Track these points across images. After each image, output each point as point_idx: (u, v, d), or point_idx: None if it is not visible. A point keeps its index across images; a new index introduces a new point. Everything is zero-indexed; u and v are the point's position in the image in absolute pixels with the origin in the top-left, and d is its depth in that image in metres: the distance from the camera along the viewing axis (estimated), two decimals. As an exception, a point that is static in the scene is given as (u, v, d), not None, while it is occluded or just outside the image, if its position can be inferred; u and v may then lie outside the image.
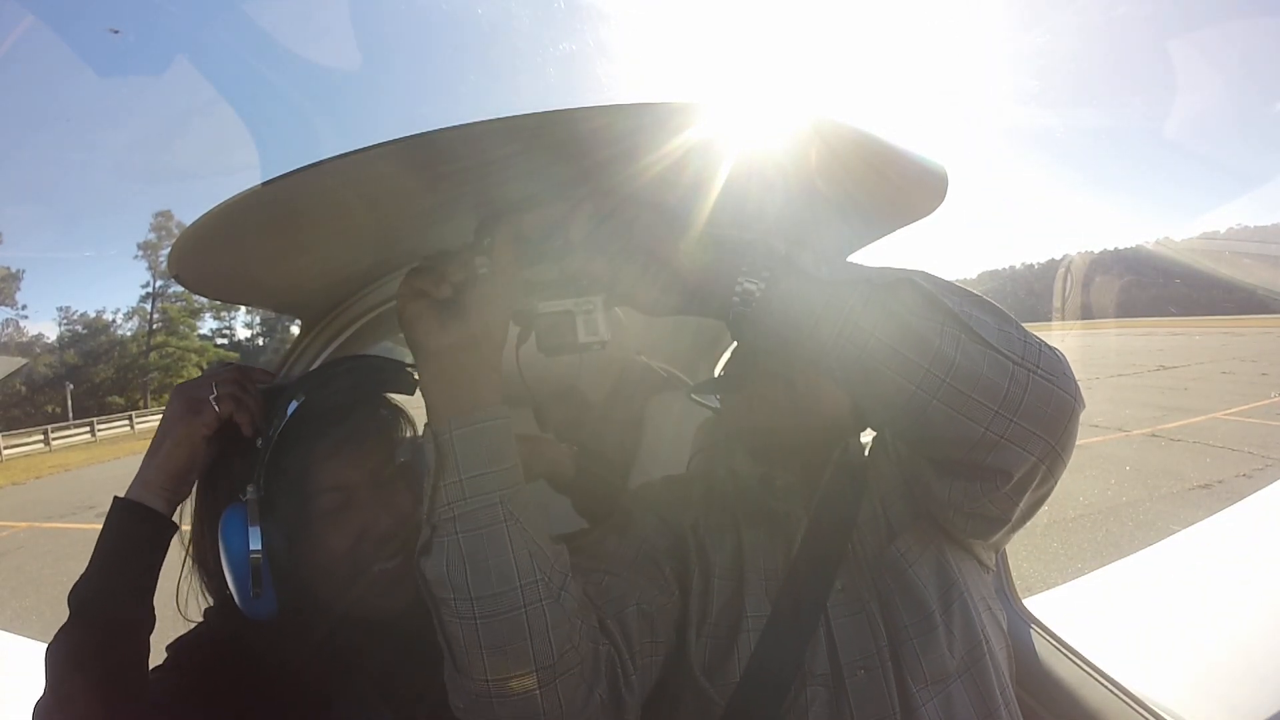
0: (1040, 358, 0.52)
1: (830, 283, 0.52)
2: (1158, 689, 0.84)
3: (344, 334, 1.04)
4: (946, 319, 0.51)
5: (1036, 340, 0.54)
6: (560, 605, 0.55)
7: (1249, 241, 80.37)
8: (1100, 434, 8.03)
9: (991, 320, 0.53)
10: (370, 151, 0.59)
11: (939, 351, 0.50)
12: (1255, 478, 5.72)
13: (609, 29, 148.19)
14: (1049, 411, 0.52)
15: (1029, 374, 0.51)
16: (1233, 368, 14.55)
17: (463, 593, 0.52)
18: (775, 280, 0.54)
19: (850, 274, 0.53)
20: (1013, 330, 0.53)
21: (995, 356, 0.51)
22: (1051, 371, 0.52)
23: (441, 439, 0.54)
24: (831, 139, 0.70)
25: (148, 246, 40.89)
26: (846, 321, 0.51)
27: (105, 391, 37.78)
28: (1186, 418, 8.71)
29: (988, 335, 0.51)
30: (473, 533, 0.53)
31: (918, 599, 0.66)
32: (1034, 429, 0.52)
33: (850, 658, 0.65)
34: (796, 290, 0.53)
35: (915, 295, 0.52)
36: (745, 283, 0.55)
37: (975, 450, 0.53)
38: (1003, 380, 0.51)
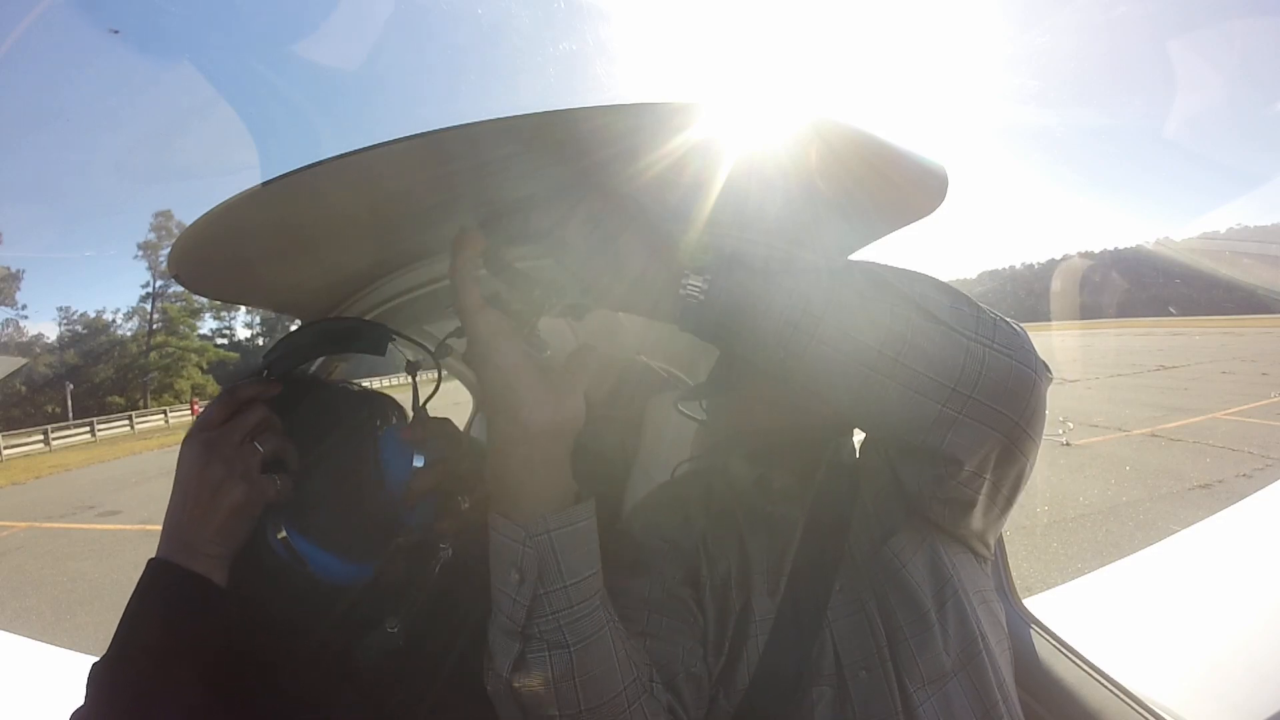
0: (996, 332, 0.51)
1: (776, 274, 0.52)
2: (1158, 689, 0.84)
3: (344, 334, 1.04)
4: (896, 299, 0.50)
5: (992, 315, 0.53)
6: (654, 697, 0.55)
7: (1249, 241, 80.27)
8: (1100, 434, 8.03)
9: (944, 299, 0.52)
10: (370, 151, 0.59)
11: (890, 331, 0.49)
12: (1255, 478, 5.72)
13: (609, 29, 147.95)
14: (1009, 386, 0.51)
15: (985, 349, 0.50)
16: (1233, 368, 14.55)
17: (571, 707, 0.49)
18: (719, 275, 0.53)
19: (795, 263, 0.53)
20: (965, 307, 0.52)
21: (949, 333, 0.50)
22: (1009, 346, 0.51)
23: (540, 541, 0.47)
24: (831, 139, 0.70)
25: (148, 246, 40.96)
26: (794, 309, 0.50)
27: (105, 391, 37.77)
28: (1186, 418, 8.71)
29: (940, 313, 0.50)
30: (583, 644, 0.49)
31: (912, 598, 0.66)
32: (995, 405, 0.51)
33: (851, 658, 0.65)
34: (742, 284, 0.52)
35: (862, 278, 0.52)
36: (691, 279, 0.54)
37: (936, 429, 0.51)
38: (959, 356, 0.50)
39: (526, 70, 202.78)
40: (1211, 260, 53.20)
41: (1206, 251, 72.49)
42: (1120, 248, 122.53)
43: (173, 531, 0.56)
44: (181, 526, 0.56)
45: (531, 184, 0.78)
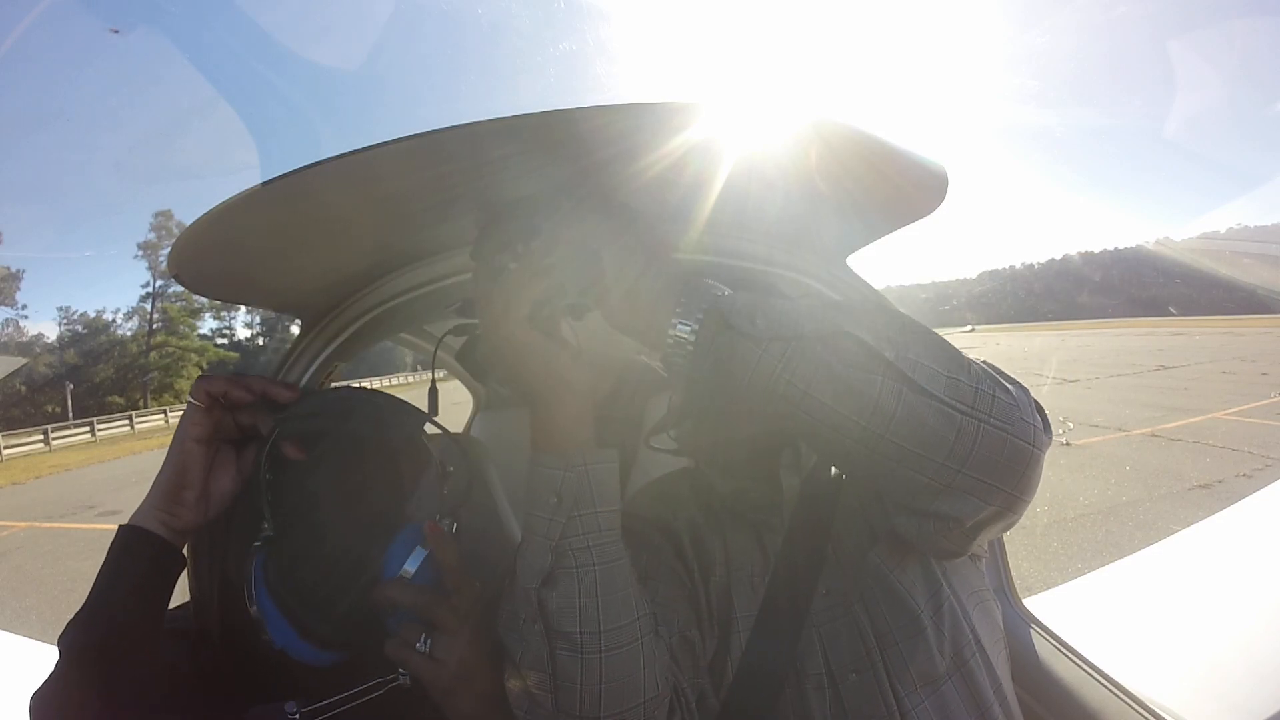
0: (994, 405, 0.50)
1: (762, 339, 0.51)
2: (1158, 689, 0.84)
3: (344, 334, 1.04)
4: (886, 372, 0.49)
5: (990, 385, 0.51)
6: (658, 637, 0.58)
7: (1249, 241, 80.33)
8: (1100, 434, 8.03)
9: (940, 368, 0.50)
10: (370, 151, 0.59)
11: (877, 406, 0.49)
12: (1255, 478, 5.71)
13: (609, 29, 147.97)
14: (1003, 461, 0.50)
15: (979, 424, 0.49)
16: (1233, 368, 14.55)
17: (591, 625, 0.53)
18: (707, 330, 0.53)
19: (785, 327, 0.51)
20: (963, 378, 0.51)
21: (940, 408, 0.49)
22: (1006, 419, 0.50)
23: (577, 471, 0.55)
24: (831, 139, 0.70)
25: (148, 246, 40.97)
26: (779, 378, 0.50)
27: (105, 391, 37.77)
28: (1186, 418, 8.71)
29: (933, 386, 0.49)
30: (607, 565, 0.55)
31: (901, 602, 0.66)
32: (987, 478, 0.51)
33: (840, 660, 0.66)
34: (728, 344, 0.52)
35: (853, 347, 0.50)
36: (679, 326, 0.54)
37: (922, 496, 0.52)
38: (949, 432, 0.49)
39: (526, 70, 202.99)
40: (1211, 260, 53.24)
41: (1206, 251, 72.55)
42: (1120, 248, 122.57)
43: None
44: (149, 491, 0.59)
45: (531, 184, 0.78)
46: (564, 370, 0.57)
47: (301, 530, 0.62)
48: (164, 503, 0.58)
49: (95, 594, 0.55)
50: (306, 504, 0.62)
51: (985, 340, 35.11)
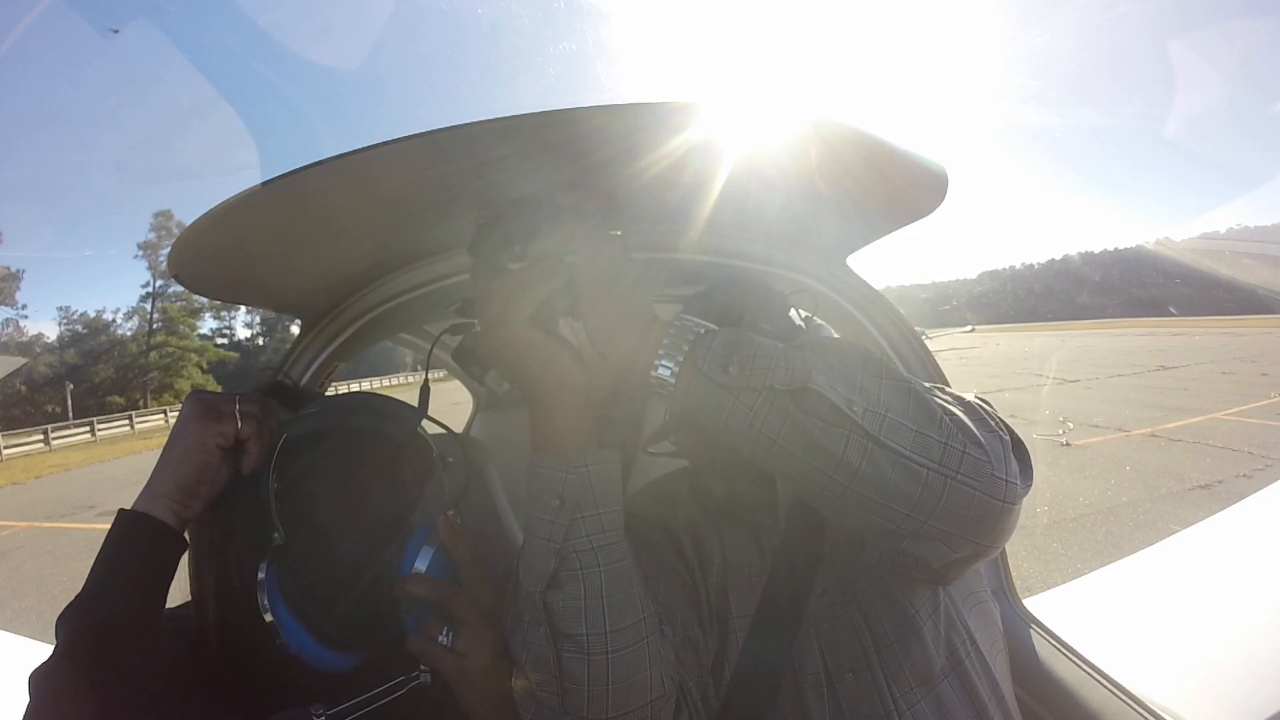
0: (962, 462, 0.51)
1: (733, 389, 0.52)
2: (1158, 689, 0.84)
3: (344, 334, 1.04)
4: (854, 428, 0.50)
5: (962, 441, 0.51)
6: (663, 636, 0.58)
7: (1249, 241, 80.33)
8: (1100, 434, 8.03)
9: (909, 423, 0.51)
10: (370, 151, 0.59)
11: (842, 461, 0.50)
12: (1255, 478, 5.71)
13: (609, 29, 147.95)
14: (970, 515, 0.51)
15: (945, 480, 0.50)
16: (1233, 368, 14.55)
17: (598, 627, 0.53)
18: (684, 374, 0.54)
19: (756, 377, 0.52)
20: (933, 433, 0.51)
21: (906, 464, 0.50)
22: (974, 475, 0.51)
23: (579, 472, 0.55)
24: (831, 139, 0.70)
25: (148, 246, 40.96)
26: (749, 426, 0.51)
27: (105, 391, 37.78)
28: (1186, 418, 8.70)
29: (899, 444, 0.50)
30: (611, 566, 0.55)
31: (897, 604, 0.66)
32: (954, 530, 0.52)
33: (838, 661, 0.66)
34: (702, 391, 0.53)
35: (820, 404, 0.50)
36: (661, 367, 0.55)
37: (892, 539, 0.54)
38: (913, 488, 0.50)
39: (526, 70, 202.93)
40: (1211, 260, 53.25)
41: (1206, 251, 72.54)
42: (1120, 248, 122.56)
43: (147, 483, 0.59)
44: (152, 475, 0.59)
45: (531, 184, 0.78)
46: (564, 370, 0.57)
47: (313, 534, 0.61)
48: (180, 494, 0.58)
49: (96, 577, 0.54)
50: (316, 506, 0.62)
51: (985, 340, 35.10)
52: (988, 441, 0.53)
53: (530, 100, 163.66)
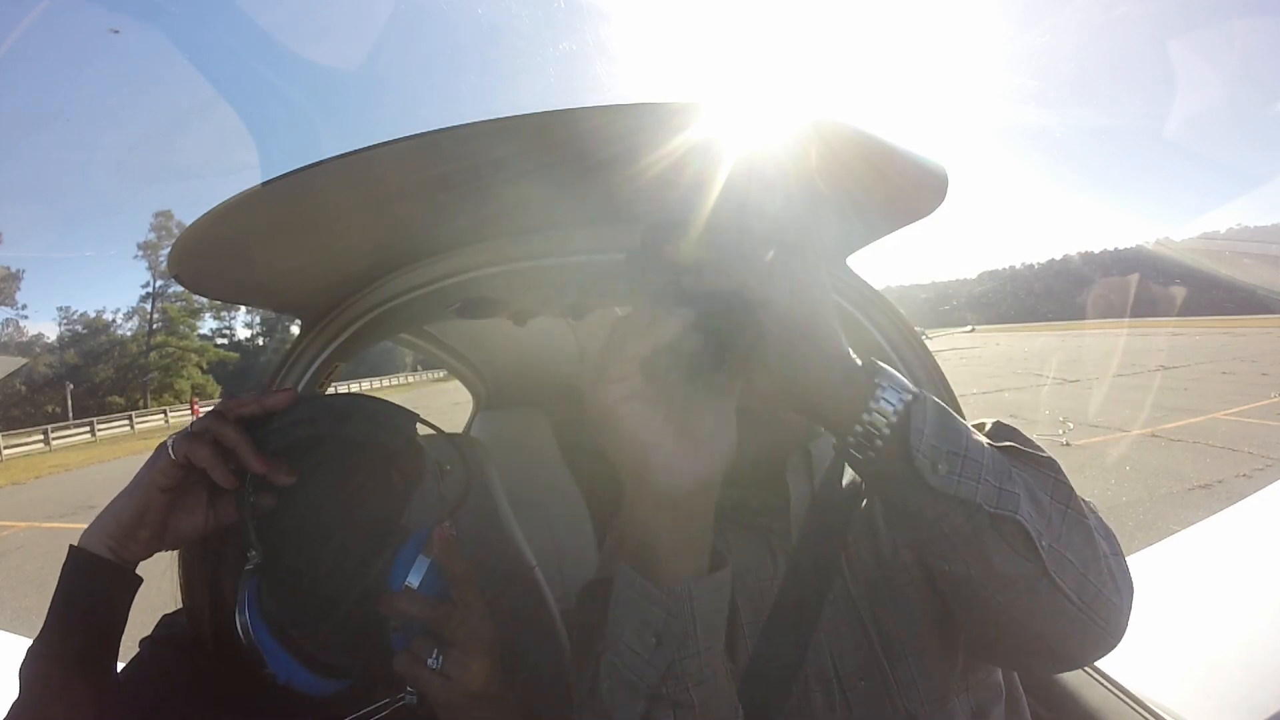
0: (1102, 607, 0.51)
1: (937, 491, 0.46)
2: (1158, 689, 0.84)
3: (344, 334, 1.04)
4: (1035, 569, 0.48)
5: (1111, 587, 0.51)
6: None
7: (1249, 241, 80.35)
8: (1100, 434, 8.02)
9: (1078, 562, 0.50)
10: (370, 152, 0.59)
11: (1012, 587, 0.49)
12: (1255, 478, 5.71)
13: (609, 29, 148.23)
14: (1085, 646, 0.53)
15: (1085, 621, 0.50)
16: (1233, 368, 14.54)
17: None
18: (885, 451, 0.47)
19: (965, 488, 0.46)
20: (1092, 576, 0.50)
21: (1062, 603, 0.49)
22: (1107, 619, 0.52)
23: (683, 607, 0.46)
24: (832, 139, 0.70)
25: (148, 246, 40.96)
26: (936, 527, 0.48)
27: (105, 391, 37.78)
28: (1186, 418, 8.70)
29: (1066, 584, 0.49)
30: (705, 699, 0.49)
31: (911, 616, 0.65)
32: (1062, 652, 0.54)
33: (849, 668, 0.65)
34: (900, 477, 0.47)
35: (1016, 533, 0.47)
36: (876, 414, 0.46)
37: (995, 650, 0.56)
38: (1060, 622, 0.50)
39: (526, 70, 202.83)
40: (1211, 260, 53.25)
41: (1206, 251, 72.54)
42: (1120, 248, 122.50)
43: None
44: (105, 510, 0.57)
45: (531, 184, 0.78)
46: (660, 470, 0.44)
47: (296, 549, 0.58)
48: (117, 532, 0.55)
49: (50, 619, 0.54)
50: (300, 519, 0.58)
51: (985, 340, 35.09)
52: (1123, 583, 0.53)
53: (530, 100, 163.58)
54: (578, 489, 1.78)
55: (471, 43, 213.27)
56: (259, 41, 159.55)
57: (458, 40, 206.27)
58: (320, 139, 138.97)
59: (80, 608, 0.54)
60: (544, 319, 1.34)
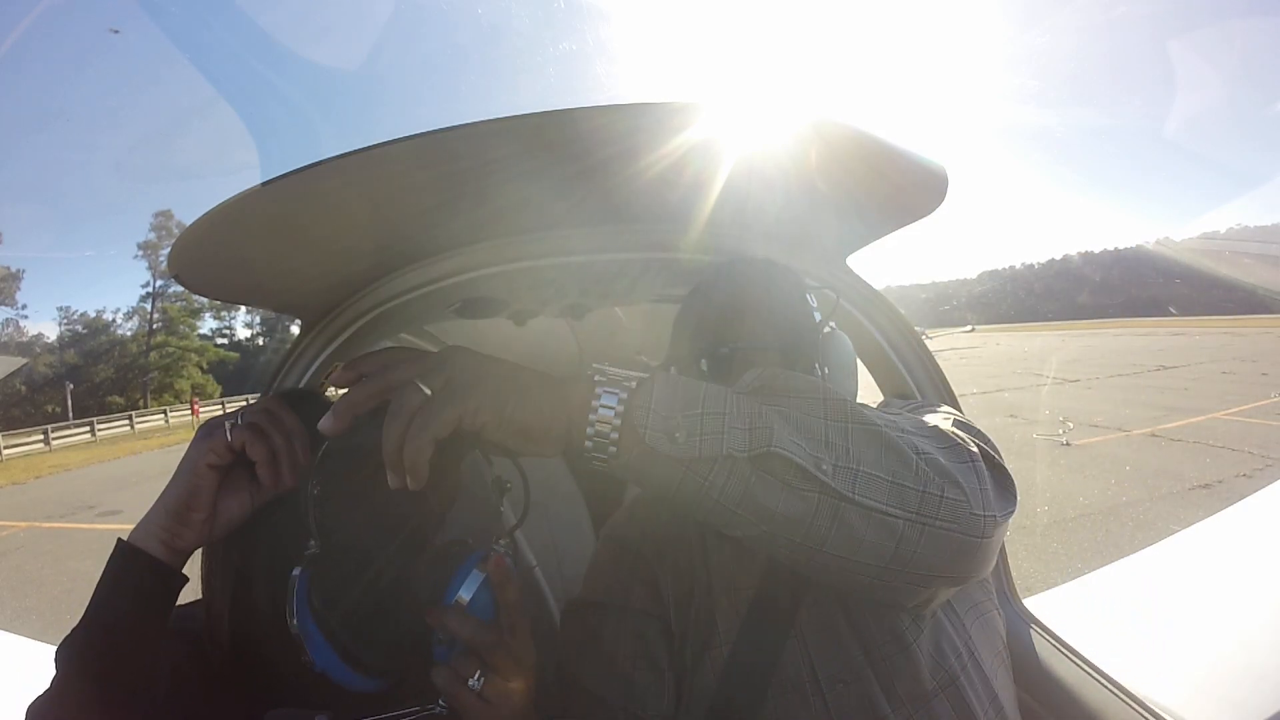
0: (941, 506, 0.48)
1: (684, 460, 0.45)
2: (1158, 689, 0.84)
3: (344, 334, 1.04)
4: (823, 492, 0.46)
5: (939, 484, 0.48)
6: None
7: (1249, 241, 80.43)
8: (1100, 434, 8.02)
9: (884, 474, 0.47)
10: (371, 151, 0.59)
11: (811, 527, 0.47)
12: (1255, 478, 5.71)
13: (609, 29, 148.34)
14: (945, 557, 0.50)
15: (923, 528, 0.48)
16: (1233, 368, 14.54)
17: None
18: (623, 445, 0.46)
19: (709, 445, 0.45)
20: (909, 482, 0.47)
21: (881, 519, 0.47)
22: (953, 518, 0.48)
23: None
24: (831, 139, 0.70)
25: (148, 246, 40.93)
26: (703, 497, 0.46)
27: (105, 391, 37.78)
28: (1186, 418, 8.70)
29: (874, 499, 0.47)
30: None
31: (885, 619, 0.65)
32: (931, 573, 0.50)
33: (828, 671, 0.65)
34: (646, 462, 0.46)
35: (785, 468, 0.46)
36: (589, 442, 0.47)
37: (870, 590, 0.53)
38: (889, 542, 0.47)
39: (526, 70, 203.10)
40: (1211, 260, 53.31)
41: (1206, 251, 72.60)
42: (1120, 248, 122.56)
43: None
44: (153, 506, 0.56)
45: (531, 184, 0.78)
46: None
47: (352, 549, 0.58)
48: (169, 522, 0.55)
49: (93, 608, 0.53)
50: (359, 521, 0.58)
51: (985, 340, 35.09)
52: (964, 478, 0.50)
53: (530, 100, 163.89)
54: (577, 488, 1.78)
55: (471, 43, 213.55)
56: (259, 41, 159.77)
57: (458, 40, 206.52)
58: (320, 139, 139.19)
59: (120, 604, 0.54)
60: (544, 319, 1.34)
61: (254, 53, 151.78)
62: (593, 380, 0.48)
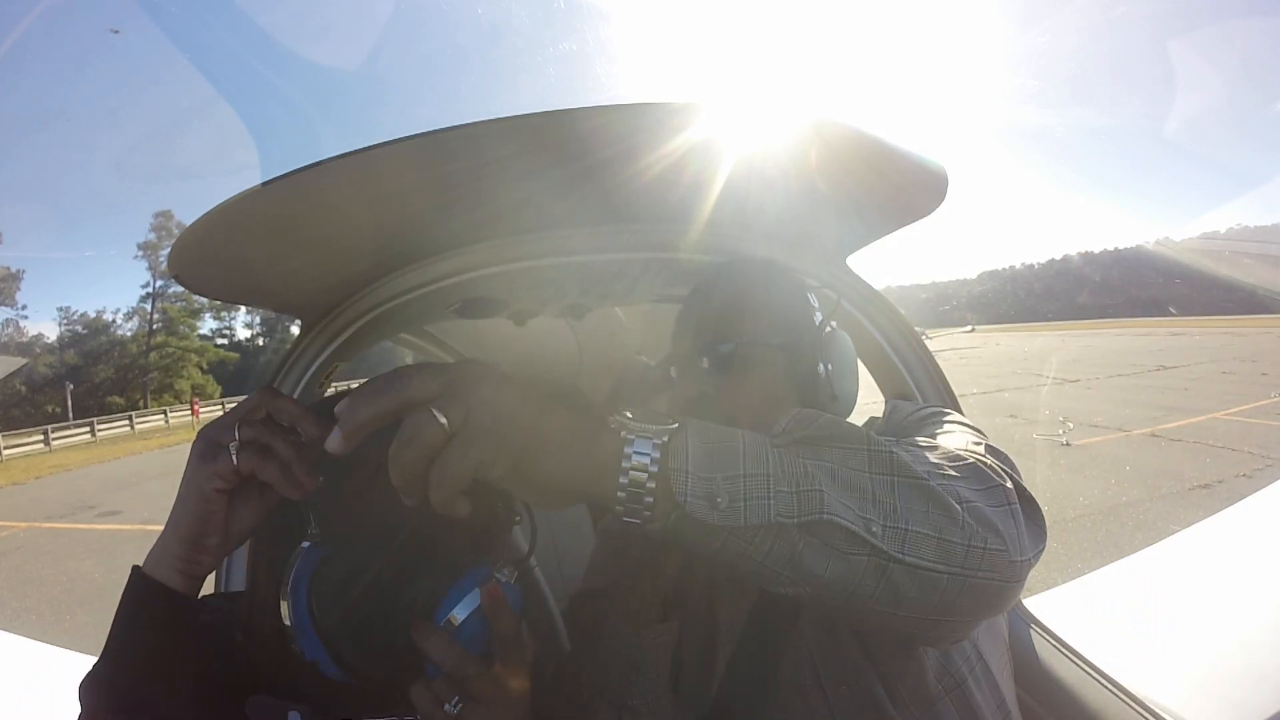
0: (984, 559, 0.46)
1: (726, 529, 0.43)
2: (1158, 689, 0.84)
3: (344, 334, 1.04)
4: (871, 555, 0.44)
5: (983, 536, 0.46)
6: None
7: (1249, 241, 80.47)
8: (1100, 434, 8.03)
9: (930, 529, 0.45)
10: (371, 151, 0.59)
11: (856, 587, 0.45)
12: (1255, 478, 5.71)
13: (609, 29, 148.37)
14: (981, 603, 0.49)
15: (965, 580, 0.46)
16: (1233, 368, 14.55)
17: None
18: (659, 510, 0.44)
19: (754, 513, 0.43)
20: (955, 537, 0.46)
21: (926, 575, 0.46)
22: (994, 568, 0.47)
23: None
24: (831, 139, 0.70)
25: (148, 246, 40.95)
26: (747, 560, 0.44)
27: (105, 391, 37.78)
28: (1186, 418, 8.70)
29: (921, 557, 0.45)
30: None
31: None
32: (961, 618, 0.49)
33: (830, 674, 0.65)
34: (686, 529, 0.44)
35: (834, 533, 0.44)
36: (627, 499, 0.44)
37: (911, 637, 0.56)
38: (932, 596, 0.46)
39: (526, 70, 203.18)
40: (1211, 260, 53.36)
41: (1206, 251, 72.67)
42: (1120, 248, 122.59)
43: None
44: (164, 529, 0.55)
45: (531, 184, 0.78)
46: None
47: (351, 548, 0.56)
48: (184, 550, 0.53)
49: (112, 642, 0.52)
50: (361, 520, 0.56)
51: (985, 340, 35.10)
52: (1003, 524, 0.48)
53: (530, 100, 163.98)
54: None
55: (471, 43, 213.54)
56: (259, 41, 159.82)
57: (458, 40, 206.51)
58: (320, 139, 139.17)
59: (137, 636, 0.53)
60: (544, 319, 1.34)
61: (254, 53, 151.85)
62: (620, 435, 0.44)
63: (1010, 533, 0.49)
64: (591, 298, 1.23)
